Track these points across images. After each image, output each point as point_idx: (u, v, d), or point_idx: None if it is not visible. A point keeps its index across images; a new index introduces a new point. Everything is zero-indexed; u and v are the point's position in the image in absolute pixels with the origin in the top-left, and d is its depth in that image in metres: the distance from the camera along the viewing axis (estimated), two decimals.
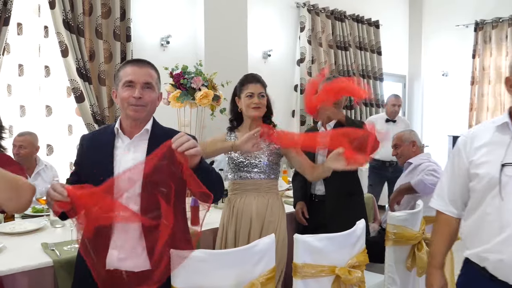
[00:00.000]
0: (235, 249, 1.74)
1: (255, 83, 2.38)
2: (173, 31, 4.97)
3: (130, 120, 1.75)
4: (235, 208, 2.36)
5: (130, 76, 1.72)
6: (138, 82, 1.71)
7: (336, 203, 2.64)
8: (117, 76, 1.78)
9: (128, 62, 1.81)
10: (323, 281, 1.85)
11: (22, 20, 4.17)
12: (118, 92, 1.75)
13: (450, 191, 1.71)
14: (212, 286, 1.60)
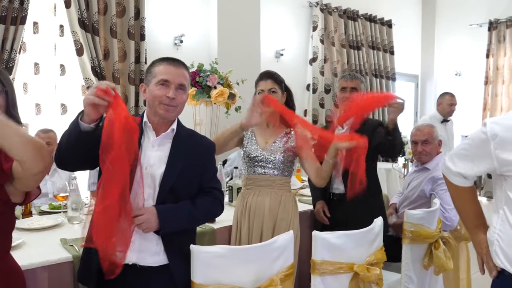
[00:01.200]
0: (254, 245, 1.75)
1: (266, 79, 2.39)
2: (186, 30, 4.99)
3: (158, 118, 1.76)
4: (248, 204, 2.36)
5: (166, 75, 1.72)
6: (173, 82, 1.72)
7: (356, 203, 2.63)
8: (150, 72, 1.78)
9: (164, 60, 1.80)
10: (341, 278, 1.85)
11: (38, 19, 4.21)
12: (149, 88, 1.76)
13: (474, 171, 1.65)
14: (231, 282, 1.60)
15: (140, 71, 4.62)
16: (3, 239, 1.51)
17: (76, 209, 2.51)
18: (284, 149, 2.37)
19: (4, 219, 1.50)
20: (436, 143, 3.04)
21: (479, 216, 1.72)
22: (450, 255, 2.35)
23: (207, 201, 1.81)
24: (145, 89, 1.79)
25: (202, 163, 1.84)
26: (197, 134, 1.95)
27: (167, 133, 1.78)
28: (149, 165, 1.73)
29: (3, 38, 3.82)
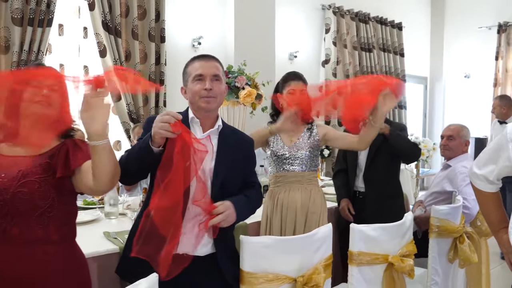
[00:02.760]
0: (298, 236, 1.85)
1: (297, 80, 2.49)
2: (204, 33, 5.10)
3: (202, 112, 1.85)
4: (279, 200, 2.46)
5: (199, 70, 1.82)
6: (207, 75, 1.81)
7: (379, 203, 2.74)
8: (186, 72, 1.88)
9: (195, 58, 1.90)
10: (376, 268, 1.95)
11: (63, 21, 4.32)
12: (188, 87, 1.86)
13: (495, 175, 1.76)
14: (277, 271, 1.70)
15: (160, 72, 4.73)
16: (69, 227, 1.63)
17: (114, 205, 2.61)
18: (309, 144, 2.48)
19: (69, 207, 1.62)
20: (461, 141, 3.14)
21: (503, 220, 1.83)
22: (474, 249, 2.45)
23: (253, 194, 1.92)
24: (185, 91, 1.90)
25: (246, 157, 1.95)
26: (239, 130, 2.05)
27: (214, 129, 1.88)
28: None
29: (31, 40, 3.93)
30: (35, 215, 1.50)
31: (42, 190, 1.50)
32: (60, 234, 1.58)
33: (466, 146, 3.18)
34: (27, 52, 3.92)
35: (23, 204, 1.47)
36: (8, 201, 1.46)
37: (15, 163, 1.52)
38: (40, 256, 1.51)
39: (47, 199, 1.51)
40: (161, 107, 4.76)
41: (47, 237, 1.53)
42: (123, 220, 2.66)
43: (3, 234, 1.48)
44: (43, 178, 1.50)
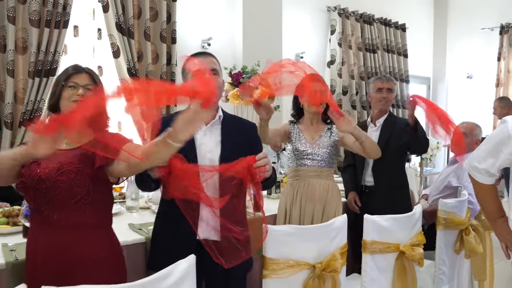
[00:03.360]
0: (317, 225, 1.97)
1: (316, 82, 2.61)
2: (213, 34, 5.22)
3: None
4: (299, 192, 2.59)
5: (198, 66, 1.91)
6: (205, 70, 1.94)
7: (386, 194, 2.87)
8: (184, 69, 1.98)
9: (193, 56, 2.01)
10: (388, 256, 2.08)
11: (78, 23, 4.44)
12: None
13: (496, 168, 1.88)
14: (297, 257, 1.83)
15: (172, 72, 4.86)
16: (106, 214, 1.77)
17: (135, 199, 2.74)
18: (329, 143, 2.61)
19: (105, 196, 1.75)
20: (473, 139, 3.24)
21: (500, 210, 1.97)
22: (479, 240, 2.58)
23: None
24: None
25: (250, 141, 2.08)
26: (239, 117, 2.18)
27: (215, 120, 2.01)
28: (207, 151, 1.95)
29: (48, 41, 4.06)
30: (73, 202, 1.63)
31: (78, 179, 1.63)
32: (97, 220, 1.72)
33: (477, 145, 3.26)
34: (44, 53, 4.04)
35: (62, 192, 1.60)
36: (49, 189, 1.60)
37: (55, 156, 1.65)
38: (79, 241, 1.65)
39: (83, 187, 1.64)
40: (172, 106, 4.88)
41: (85, 223, 1.66)
42: (144, 213, 2.79)
43: (45, 220, 1.62)
44: (79, 168, 1.63)
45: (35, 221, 1.67)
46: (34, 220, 1.67)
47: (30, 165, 1.64)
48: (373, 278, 2.05)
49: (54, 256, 1.60)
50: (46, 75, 4.08)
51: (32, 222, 1.69)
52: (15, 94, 3.95)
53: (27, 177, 1.63)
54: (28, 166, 1.64)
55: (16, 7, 3.89)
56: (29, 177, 1.62)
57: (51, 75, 4.10)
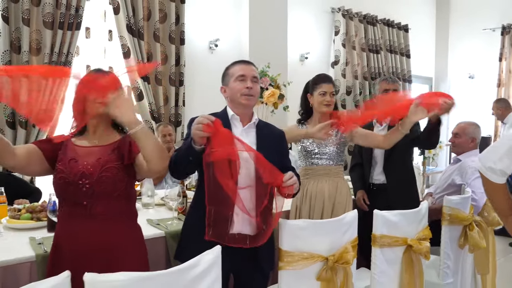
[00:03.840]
0: (329, 220, 2.08)
1: (328, 83, 2.71)
2: (220, 35, 5.33)
3: (241, 108, 2.07)
4: (308, 191, 2.69)
5: (242, 71, 2.05)
6: (249, 75, 2.05)
7: (394, 191, 2.96)
8: (227, 74, 2.10)
9: (237, 62, 2.14)
10: (396, 250, 2.18)
11: (90, 25, 4.55)
12: (229, 86, 2.08)
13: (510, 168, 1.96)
14: (311, 250, 1.93)
15: (180, 73, 4.96)
16: (132, 206, 1.89)
17: (151, 196, 2.84)
18: (336, 141, 2.71)
19: (134, 190, 1.87)
20: (467, 138, 3.34)
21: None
22: (482, 235, 2.68)
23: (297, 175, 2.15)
24: (225, 89, 2.13)
25: (281, 146, 2.19)
26: (270, 124, 2.28)
27: (252, 123, 2.12)
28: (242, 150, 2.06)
29: (61, 42, 4.17)
30: (114, 195, 1.75)
31: (120, 174, 1.75)
32: (130, 213, 1.87)
33: (473, 143, 3.38)
34: (57, 54, 4.15)
35: (106, 186, 1.72)
36: (94, 183, 1.71)
37: (90, 153, 1.77)
38: (118, 230, 1.78)
39: (123, 182, 1.77)
40: (180, 106, 4.98)
41: (122, 214, 1.81)
42: (160, 209, 2.89)
43: (89, 212, 1.73)
44: (118, 165, 1.76)
45: (71, 214, 1.77)
46: (70, 213, 1.78)
47: (68, 162, 1.75)
48: (382, 270, 2.15)
49: (96, 243, 1.72)
50: None
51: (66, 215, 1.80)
52: None
53: (67, 173, 1.74)
54: (65, 163, 1.75)
55: (31, 9, 4.00)
56: (70, 173, 1.73)
57: None
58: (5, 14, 3.91)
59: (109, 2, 4.55)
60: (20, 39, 4.01)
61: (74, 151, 1.79)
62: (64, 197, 1.79)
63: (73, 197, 1.75)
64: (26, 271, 1.92)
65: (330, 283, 1.96)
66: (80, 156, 1.76)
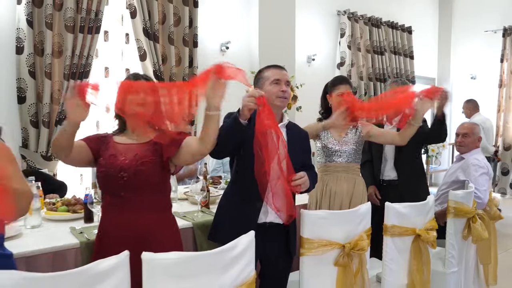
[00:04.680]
0: (346, 211, 2.26)
1: (345, 84, 2.90)
2: (231, 38, 5.53)
3: (275, 109, 2.24)
4: (328, 187, 2.87)
5: (277, 75, 2.26)
6: (283, 80, 2.26)
7: (404, 186, 3.16)
8: (262, 77, 2.30)
9: (271, 66, 2.34)
10: (406, 239, 2.38)
11: (108, 28, 4.75)
12: (264, 89, 2.25)
13: None
14: (329, 238, 2.12)
15: (193, 74, 5.16)
16: (167, 198, 2.08)
17: (174, 191, 3.04)
18: (355, 140, 2.90)
19: (168, 184, 2.06)
20: (475, 138, 3.53)
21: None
22: (485, 227, 2.88)
23: (314, 173, 2.38)
24: None
25: (305, 145, 2.41)
26: (297, 124, 2.49)
27: (284, 123, 2.32)
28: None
29: (82, 45, 4.36)
30: (149, 188, 1.94)
31: (154, 169, 1.94)
32: (165, 204, 2.05)
33: (479, 142, 3.58)
34: (78, 56, 4.35)
35: (142, 179, 1.91)
36: (131, 176, 1.90)
37: (129, 149, 1.96)
38: (153, 220, 1.96)
39: (157, 176, 1.95)
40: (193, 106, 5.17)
41: (157, 205, 1.99)
42: (183, 203, 3.09)
43: (127, 204, 1.92)
44: (153, 160, 1.95)
45: (112, 204, 1.97)
46: (112, 203, 1.97)
47: (109, 157, 1.95)
48: (393, 257, 2.34)
49: (133, 232, 1.90)
50: (80, 77, 4.38)
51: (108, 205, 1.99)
52: (52, 95, 4.25)
53: (108, 167, 1.93)
54: (106, 158, 1.95)
55: (53, 14, 4.19)
56: (110, 167, 1.92)
57: (84, 77, 4.41)
58: (30, 18, 4.11)
59: (126, 7, 4.75)
60: (43, 42, 4.21)
61: (115, 148, 1.99)
62: (106, 189, 1.98)
63: (113, 189, 1.94)
64: (72, 256, 2.12)
65: (347, 268, 2.16)
66: (120, 152, 1.95)
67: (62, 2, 4.26)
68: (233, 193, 2.32)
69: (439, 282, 2.77)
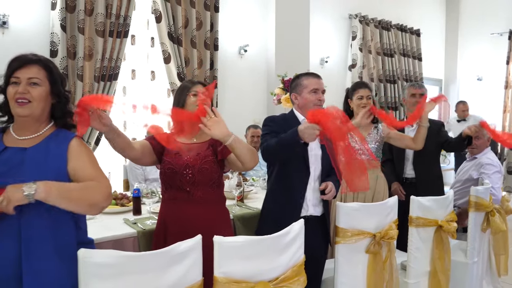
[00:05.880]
0: (377, 203, 2.49)
1: (364, 88, 3.13)
2: (249, 41, 5.76)
3: None
4: None
5: (316, 85, 2.48)
6: (320, 89, 2.49)
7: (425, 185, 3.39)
8: (300, 84, 2.52)
9: (310, 74, 2.56)
10: (428, 230, 2.61)
11: (135, 33, 4.98)
12: (302, 95, 2.49)
13: None
14: (361, 228, 2.35)
15: (214, 76, 5.38)
16: (222, 193, 2.32)
17: None
18: (376, 139, 3.13)
19: (221, 179, 2.30)
20: (485, 139, 3.74)
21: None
22: (502, 220, 3.13)
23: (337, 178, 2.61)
24: (296, 97, 2.55)
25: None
26: None
27: None
28: (312, 148, 2.49)
29: (111, 49, 4.59)
30: (210, 184, 2.18)
31: (215, 166, 2.18)
32: (221, 197, 2.29)
33: (489, 142, 3.80)
34: (108, 59, 4.58)
35: (205, 176, 2.15)
36: (196, 173, 2.14)
37: (190, 148, 2.19)
38: (214, 213, 2.20)
39: (217, 173, 2.20)
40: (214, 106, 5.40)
41: (216, 200, 2.23)
42: None
43: (191, 197, 2.16)
44: (213, 159, 2.18)
45: (176, 198, 2.19)
46: (175, 197, 2.19)
47: (174, 155, 2.17)
48: (417, 247, 2.57)
49: (196, 224, 2.10)
50: (109, 80, 4.61)
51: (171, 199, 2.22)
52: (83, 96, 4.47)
53: (174, 164, 2.16)
54: (171, 156, 2.17)
55: (85, 19, 4.42)
56: (176, 164, 2.15)
57: (113, 79, 4.64)
58: (63, 23, 4.34)
59: (151, 12, 4.98)
60: (75, 46, 4.44)
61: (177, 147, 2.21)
62: (170, 184, 2.20)
63: (178, 184, 2.17)
64: (130, 244, 2.36)
65: (377, 255, 2.39)
66: (183, 151, 2.18)
67: (93, 8, 4.49)
68: (277, 191, 2.54)
69: (462, 272, 3.01)
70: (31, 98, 1.66)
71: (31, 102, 1.66)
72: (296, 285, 1.83)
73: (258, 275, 1.71)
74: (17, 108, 1.67)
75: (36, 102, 1.67)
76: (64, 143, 1.71)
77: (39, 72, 1.69)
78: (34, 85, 1.67)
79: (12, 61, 1.71)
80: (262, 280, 1.72)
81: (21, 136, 1.71)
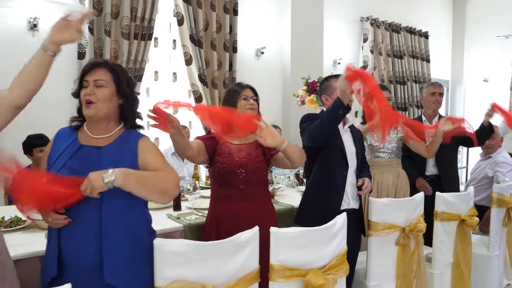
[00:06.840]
0: (405, 199, 2.68)
1: (384, 90, 3.31)
2: (266, 43, 5.93)
3: None
4: (375, 180, 3.28)
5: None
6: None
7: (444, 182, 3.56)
8: (330, 86, 2.69)
9: (338, 77, 2.70)
10: (452, 224, 2.80)
11: (158, 35, 5.14)
12: (332, 97, 2.64)
13: None
14: (392, 222, 2.52)
15: (232, 78, 5.55)
16: (268, 190, 2.49)
17: None
18: (396, 139, 3.31)
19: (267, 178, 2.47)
20: (498, 138, 3.93)
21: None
22: None
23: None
24: (327, 98, 2.72)
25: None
26: (354, 125, 2.89)
27: (347, 125, 2.73)
28: (347, 145, 2.67)
29: (136, 51, 4.76)
30: (260, 182, 2.36)
31: (264, 165, 2.36)
32: (267, 194, 2.48)
33: (501, 141, 3.99)
34: (133, 61, 4.74)
35: (256, 174, 2.33)
36: (249, 172, 2.31)
37: (241, 149, 2.36)
38: (263, 206, 2.39)
39: (266, 171, 2.38)
40: None
41: (265, 196, 2.42)
42: None
43: (244, 194, 2.33)
44: (262, 158, 2.36)
45: (229, 195, 2.34)
46: (228, 194, 2.34)
47: (227, 155, 2.33)
48: (442, 239, 2.76)
49: (248, 218, 2.22)
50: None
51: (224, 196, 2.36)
52: None
53: (227, 163, 2.31)
54: (224, 156, 2.33)
55: (111, 22, 4.59)
56: (230, 164, 2.31)
57: (138, 81, 4.80)
58: (91, 26, 4.50)
59: (174, 15, 5.14)
60: (102, 48, 4.61)
61: (228, 147, 2.36)
62: (223, 182, 2.35)
63: (232, 182, 2.33)
64: (178, 237, 2.52)
65: (406, 247, 2.57)
66: (234, 151, 2.35)
67: (119, 11, 4.65)
68: (318, 184, 2.71)
69: (484, 264, 3.21)
70: (96, 99, 1.80)
71: (95, 103, 1.80)
72: (340, 273, 2.01)
73: (309, 263, 1.89)
74: (85, 110, 1.84)
75: (101, 102, 1.81)
76: (134, 142, 1.87)
77: (105, 74, 1.83)
78: (99, 87, 1.81)
79: (84, 66, 1.89)
80: (313, 267, 1.89)
81: (94, 135, 1.87)
